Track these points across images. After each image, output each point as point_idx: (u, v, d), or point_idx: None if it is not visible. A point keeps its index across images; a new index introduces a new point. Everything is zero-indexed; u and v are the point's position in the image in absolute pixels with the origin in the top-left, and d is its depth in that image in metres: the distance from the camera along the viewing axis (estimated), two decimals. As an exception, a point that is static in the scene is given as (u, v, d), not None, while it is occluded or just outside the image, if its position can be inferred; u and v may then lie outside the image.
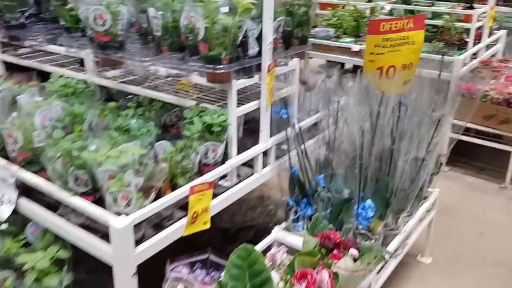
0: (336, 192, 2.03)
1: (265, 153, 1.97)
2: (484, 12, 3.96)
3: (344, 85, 2.23)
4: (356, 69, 5.17)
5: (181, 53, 1.80)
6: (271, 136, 1.96)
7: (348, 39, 3.96)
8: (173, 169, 1.60)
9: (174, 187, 1.60)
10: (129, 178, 1.42)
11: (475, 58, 3.91)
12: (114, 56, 1.93)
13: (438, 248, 2.71)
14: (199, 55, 1.70)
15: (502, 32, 4.46)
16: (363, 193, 2.07)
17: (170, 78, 2.08)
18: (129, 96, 2.22)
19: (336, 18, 3.85)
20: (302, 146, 2.05)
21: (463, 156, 3.76)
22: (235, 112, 1.76)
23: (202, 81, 1.76)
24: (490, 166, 3.73)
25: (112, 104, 1.99)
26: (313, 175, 2.11)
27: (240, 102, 1.82)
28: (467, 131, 3.54)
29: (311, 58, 4.07)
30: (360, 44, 3.81)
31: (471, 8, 3.92)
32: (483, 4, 4.08)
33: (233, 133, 1.77)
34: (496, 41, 4.36)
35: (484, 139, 3.52)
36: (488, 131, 3.46)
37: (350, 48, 3.79)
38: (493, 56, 4.35)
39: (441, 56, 3.59)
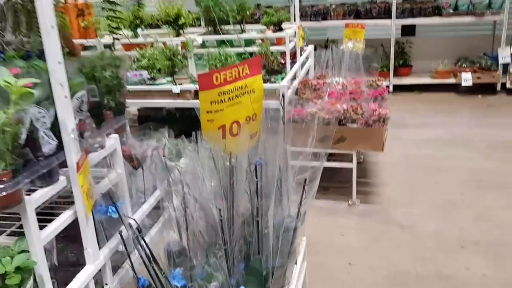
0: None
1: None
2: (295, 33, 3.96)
3: (182, 151, 1.81)
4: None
5: None
6: (100, 247, 1.43)
7: (165, 80, 3.55)
8: None
9: None
10: None
11: (294, 79, 3.86)
12: None
13: (315, 296, 2.47)
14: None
15: (310, 48, 4.56)
16: (233, 278, 1.68)
17: None
18: None
19: (147, 59, 3.42)
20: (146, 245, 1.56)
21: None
22: (39, 241, 1.19)
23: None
24: (333, 184, 3.70)
25: None
26: (167, 275, 1.63)
27: (44, 219, 1.26)
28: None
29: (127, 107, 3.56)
30: (180, 84, 3.44)
31: (281, 29, 3.86)
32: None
33: (42, 271, 1.20)
34: (307, 57, 4.42)
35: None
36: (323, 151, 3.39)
37: (171, 90, 3.39)
38: (307, 73, 4.40)
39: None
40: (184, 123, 4.00)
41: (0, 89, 1.09)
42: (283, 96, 3.16)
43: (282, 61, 3.86)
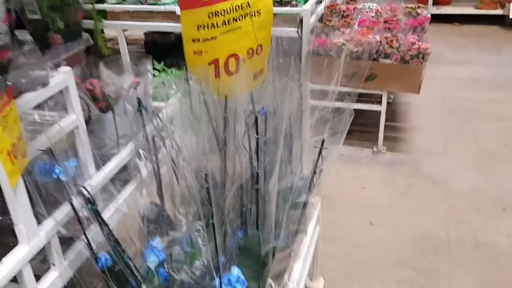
0: (178, 271, 1.25)
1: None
2: None
3: (169, 90, 1.40)
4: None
5: None
6: (39, 223, 1.06)
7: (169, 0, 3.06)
8: None
9: None
10: None
11: (320, 2, 3.31)
12: None
13: (328, 261, 2.13)
14: None
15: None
16: (223, 257, 1.32)
17: None
18: None
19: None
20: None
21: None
22: None
23: None
24: (357, 127, 3.26)
25: None
26: (139, 251, 1.28)
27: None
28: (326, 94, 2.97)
29: (126, 31, 3.11)
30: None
31: None
32: None
33: None
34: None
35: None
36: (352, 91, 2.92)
37: (175, 12, 2.91)
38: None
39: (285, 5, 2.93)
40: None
41: None
42: (300, 21, 2.66)
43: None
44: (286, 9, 2.84)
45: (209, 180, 1.16)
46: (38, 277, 1.09)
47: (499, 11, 5.35)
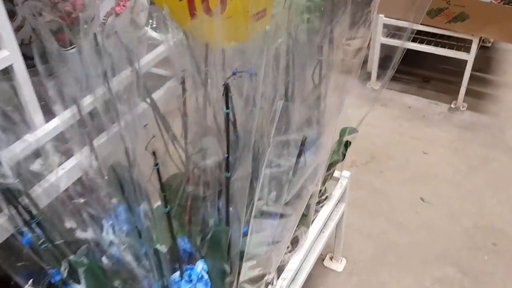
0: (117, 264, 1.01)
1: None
2: None
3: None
4: None
5: None
6: None
7: None
8: None
9: None
10: None
11: None
12: None
13: (358, 238, 1.80)
14: None
15: None
16: (189, 244, 1.07)
17: None
18: None
19: None
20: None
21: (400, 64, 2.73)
22: None
23: None
24: (436, 75, 2.72)
25: None
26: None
27: None
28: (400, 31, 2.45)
29: None
30: None
31: None
32: None
33: None
34: None
35: (429, 43, 2.46)
36: (434, 31, 2.38)
37: None
38: None
39: None
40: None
41: None
42: None
43: None
44: None
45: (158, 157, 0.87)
46: None
47: None
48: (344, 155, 1.33)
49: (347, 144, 1.32)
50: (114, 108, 1.04)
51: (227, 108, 0.85)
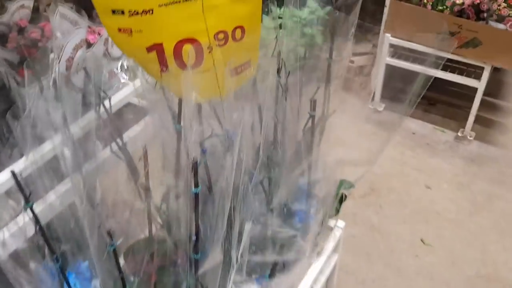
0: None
1: None
2: None
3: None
4: None
5: None
6: None
7: None
8: None
9: None
10: None
11: None
12: None
13: (351, 282, 1.67)
14: None
15: None
16: None
17: None
18: None
19: None
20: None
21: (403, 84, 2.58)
22: None
23: None
24: (443, 97, 2.57)
25: None
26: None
27: None
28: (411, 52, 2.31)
29: None
30: None
31: None
32: None
33: None
34: None
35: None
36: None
37: None
38: None
39: None
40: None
41: None
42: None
43: None
44: None
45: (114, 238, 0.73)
46: None
47: None
48: (338, 210, 1.19)
49: (342, 198, 1.18)
50: (74, 156, 0.90)
51: (196, 186, 0.71)
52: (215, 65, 0.78)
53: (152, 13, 0.69)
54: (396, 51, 2.39)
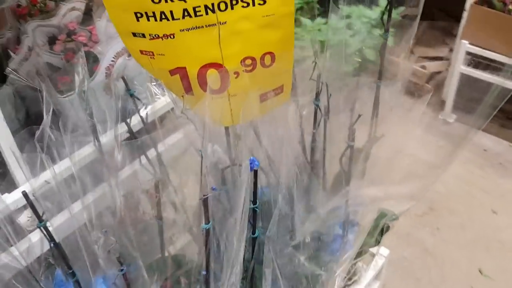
0: None
1: None
2: None
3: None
4: None
5: None
6: None
7: None
8: None
9: None
10: None
11: None
12: None
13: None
14: None
15: None
16: None
17: None
18: None
19: None
20: None
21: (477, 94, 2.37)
22: None
23: None
24: (525, 113, 2.34)
25: None
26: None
27: None
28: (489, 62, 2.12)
29: None
30: None
31: None
32: None
33: None
34: None
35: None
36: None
37: None
38: None
39: None
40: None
41: None
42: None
43: None
44: None
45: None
46: None
47: None
48: (378, 242, 1.11)
49: (384, 229, 1.10)
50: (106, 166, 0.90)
51: (207, 222, 0.67)
52: (242, 90, 0.73)
53: (173, 37, 0.65)
54: (473, 59, 2.20)
